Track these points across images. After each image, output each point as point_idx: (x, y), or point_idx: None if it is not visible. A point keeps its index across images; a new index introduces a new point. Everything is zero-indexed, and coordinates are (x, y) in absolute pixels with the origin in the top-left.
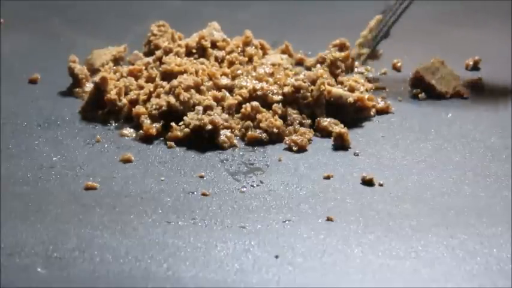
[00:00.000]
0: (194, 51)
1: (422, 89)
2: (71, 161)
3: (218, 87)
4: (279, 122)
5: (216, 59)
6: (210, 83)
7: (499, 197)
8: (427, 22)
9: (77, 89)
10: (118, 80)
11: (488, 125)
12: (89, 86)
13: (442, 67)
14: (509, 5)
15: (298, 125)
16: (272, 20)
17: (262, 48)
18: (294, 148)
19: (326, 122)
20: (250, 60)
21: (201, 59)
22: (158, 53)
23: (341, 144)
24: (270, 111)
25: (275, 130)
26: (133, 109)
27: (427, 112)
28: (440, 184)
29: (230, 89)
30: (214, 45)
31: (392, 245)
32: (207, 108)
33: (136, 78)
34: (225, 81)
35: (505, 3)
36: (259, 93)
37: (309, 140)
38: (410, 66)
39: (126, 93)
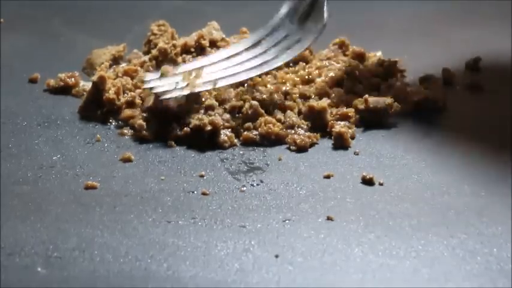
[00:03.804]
0: (192, 49)
1: None
2: (71, 160)
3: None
4: (277, 128)
5: None
6: None
7: (500, 197)
8: (428, 21)
9: (77, 88)
10: (115, 79)
11: (488, 124)
12: (87, 85)
13: None
14: (510, 5)
15: (299, 129)
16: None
17: None
18: (293, 148)
19: (339, 125)
20: None
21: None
22: (154, 52)
23: (341, 144)
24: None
25: (272, 137)
26: (122, 112)
27: (427, 111)
28: (440, 183)
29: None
30: (213, 44)
31: (393, 244)
32: (208, 108)
33: (132, 77)
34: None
35: (505, 2)
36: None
37: (314, 143)
38: (411, 66)
39: (124, 93)
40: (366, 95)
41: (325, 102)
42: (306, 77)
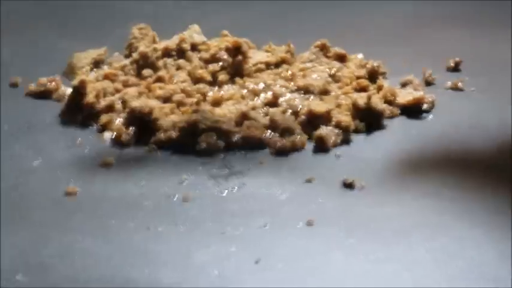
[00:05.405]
0: (174, 53)
1: None
2: (52, 165)
3: (203, 93)
4: (259, 132)
5: (201, 59)
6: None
7: (480, 199)
8: (408, 23)
9: (58, 92)
10: (96, 82)
11: (467, 127)
12: (67, 89)
13: None
14: (489, 6)
15: (287, 133)
16: (255, 22)
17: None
18: (272, 151)
19: (324, 130)
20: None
21: (181, 60)
22: (135, 55)
23: (322, 147)
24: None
25: (254, 141)
26: (100, 118)
27: (406, 114)
28: (421, 186)
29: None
30: (194, 47)
31: (373, 248)
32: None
33: (113, 81)
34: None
35: (485, 4)
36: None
37: (299, 147)
38: (391, 68)
39: (104, 96)
40: (370, 92)
41: (324, 106)
42: (290, 78)
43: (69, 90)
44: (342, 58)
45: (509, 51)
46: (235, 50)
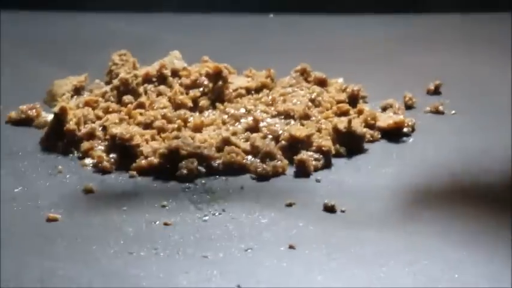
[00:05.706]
0: (154, 79)
1: None
2: (33, 192)
3: (184, 119)
4: (240, 157)
5: (181, 85)
6: (182, 111)
7: (462, 222)
8: (387, 47)
9: (39, 119)
10: (77, 109)
11: (449, 149)
12: (48, 116)
13: None
14: (469, 30)
15: (268, 158)
16: (235, 48)
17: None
18: (253, 176)
19: (305, 155)
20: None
21: (162, 86)
22: (115, 82)
23: (303, 171)
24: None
25: (235, 166)
26: (81, 145)
27: (387, 138)
28: (402, 209)
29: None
30: (175, 73)
31: (355, 272)
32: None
33: (94, 108)
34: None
35: (465, 28)
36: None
37: (280, 172)
38: (371, 92)
39: (85, 123)
40: (350, 117)
41: (305, 130)
42: (271, 103)
43: (49, 117)
44: (322, 82)
45: (489, 74)
46: (216, 76)
